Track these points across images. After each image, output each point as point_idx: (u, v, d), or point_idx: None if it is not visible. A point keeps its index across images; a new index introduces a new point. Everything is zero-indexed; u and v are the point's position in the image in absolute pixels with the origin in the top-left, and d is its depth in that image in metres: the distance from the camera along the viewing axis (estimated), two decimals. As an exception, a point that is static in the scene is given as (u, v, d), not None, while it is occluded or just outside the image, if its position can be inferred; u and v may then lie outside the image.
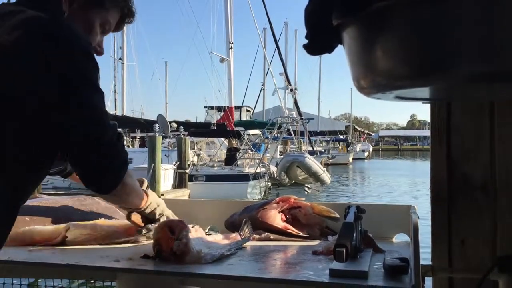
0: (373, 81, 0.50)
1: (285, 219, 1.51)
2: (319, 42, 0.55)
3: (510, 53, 0.45)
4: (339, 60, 0.54)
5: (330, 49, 0.56)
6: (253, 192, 16.12)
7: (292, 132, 26.11)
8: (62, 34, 0.91)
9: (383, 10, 0.47)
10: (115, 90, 33.36)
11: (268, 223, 1.46)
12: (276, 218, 1.47)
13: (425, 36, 0.47)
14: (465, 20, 0.46)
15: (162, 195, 13.94)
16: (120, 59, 32.02)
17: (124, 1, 1.15)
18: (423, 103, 0.98)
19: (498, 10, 0.45)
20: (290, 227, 1.47)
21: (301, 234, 1.47)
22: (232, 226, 1.57)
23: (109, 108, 30.08)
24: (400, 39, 0.49)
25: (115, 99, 33.28)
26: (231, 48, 24.79)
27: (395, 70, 0.49)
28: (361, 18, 0.49)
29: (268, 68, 31.71)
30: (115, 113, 28.94)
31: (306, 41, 0.54)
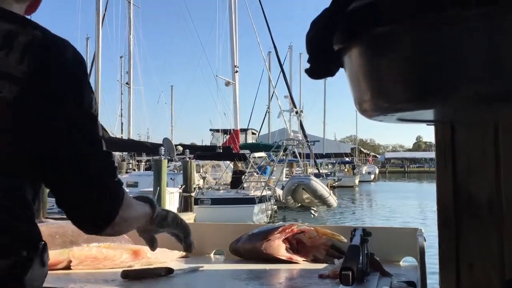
0: (374, 104, 0.51)
1: (289, 246, 1.50)
2: (321, 66, 0.56)
3: None
4: (343, 82, 0.55)
5: (331, 73, 0.56)
6: (259, 215, 16.03)
7: (297, 154, 26.07)
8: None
9: (384, 34, 0.48)
10: (121, 114, 33.61)
11: (273, 254, 1.46)
12: (280, 249, 1.47)
13: (426, 59, 0.48)
14: (467, 44, 0.47)
15: (168, 218, 13.87)
16: (127, 83, 32.37)
17: None
18: (427, 125, 0.99)
19: (502, 34, 0.46)
20: (295, 257, 1.47)
21: (307, 260, 1.46)
22: (236, 252, 1.56)
23: (116, 132, 30.28)
24: (401, 62, 0.49)
25: (122, 123, 33.51)
26: (237, 71, 25.02)
27: (396, 93, 0.49)
28: (361, 43, 0.50)
29: (273, 91, 31.94)
30: (122, 136, 29.08)
31: (308, 65, 0.55)
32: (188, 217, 14.72)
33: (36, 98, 0.79)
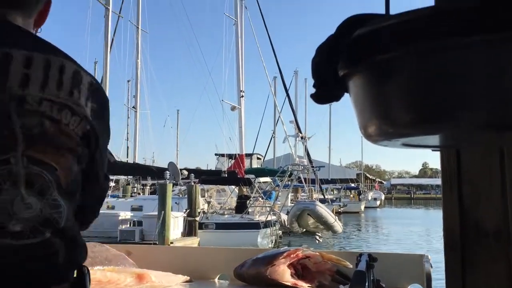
0: (379, 129, 0.52)
1: (294, 272, 1.49)
2: (325, 91, 0.57)
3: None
4: (349, 107, 0.56)
5: (337, 98, 0.57)
6: (264, 240, 15.88)
7: (303, 180, 25.99)
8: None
9: (388, 60, 0.49)
10: (127, 138, 33.77)
11: (278, 280, 1.45)
12: (285, 275, 1.45)
13: (429, 86, 0.49)
14: (471, 70, 0.47)
15: (172, 243, 13.79)
16: (133, 107, 32.64)
17: None
18: (432, 150, 0.99)
19: (505, 61, 0.46)
20: (300, 282, 1.45)
21: (312, 286, 1.45)
22: (241, 277, 1.55)
23: (122, 155, 30.35)
24: (405, 88, 0.50)
25: (127, 147, 33.64)
26: (242, 96, 25.21)
27: (401, 118, 0.50)
28: (366, 68, 0.51)
29: (279, 116, 32.05)
30: (127, 160, 29.16)
31: (314, 90, 0.56)
32: (192, 242, 14.61)
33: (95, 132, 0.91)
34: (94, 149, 0.91)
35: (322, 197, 28.88)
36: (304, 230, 19.71)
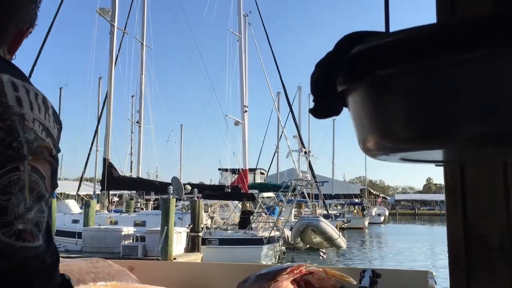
0: (377, 143, 0.52)
1: (298, 288, 1.48)
2: (324, 106, 0.58)
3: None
4: (351, 123, 0.56)
5: (336, 113, 0.58)
6: (267, 256, 15.78)
7: (306, 195, 25.90)
8: None
9: (386, 76, 0.50)
10: (131, 153, 33.83)
11: (281, 296, 1.43)
12: (288, 291, 1.44)
13: (427, 101, 0.49)
14: (469, 85, 0.48)
15: (174, 259, 13.72)
16: (137, 122, 32.77)
17: None
18: (436, 165, 0.99)
19: (505, 74, 0.47)
20: (303, 299, 1.44)
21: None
22: (243, 292, 1.54)
23: (125, 170, 30.37)
24: (404, 104, 0.51)
25: (131, 162, 33.68)
26: (246, 111, 25.30)
27: (399, 133, 0.51)
28: (365, 84, 0.52)
29: (282, 131, 32.11)
30: (131, 175, 29.18)
31: (313, 105, 0.57)
32: (195, 258, 14.53)
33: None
34: (56, 166, 1.00)
35: (325, 212, 28.73)
36: (308, 246, 19.58)
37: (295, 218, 22.22)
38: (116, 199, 28.29)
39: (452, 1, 0.99)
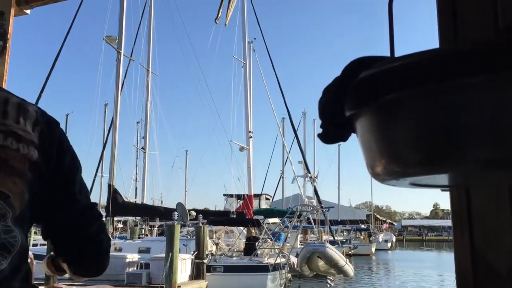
0: (386, 168, 0.52)
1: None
2: (332, 131, 0.58)
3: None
4: (357, 148, 0.57)
5: (344, 138, 0.58)
6: (273, 284, 15.54)
7: (312, 221, 25.66)
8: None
9: (393, 101, 0.50)
10: (136, 179, 33.80)
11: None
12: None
13: (435, 126, 0.49)
14: (475, 110, 0.48)
15: (179, 286, 13.54)
16: (142, 148, 32.85)
17: None
18: (442, 190, 0.99)
19: (510, 100, 0.47)
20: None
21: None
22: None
23: (130, 196, 30.31)
24: (411, 128, 0.51)
25: (136, 187, 33.62)
26: (251, 137, 25.35)
27: (408, 158, 0.51)
28: (372, 109, 0.52)
29: (287, 157, 32.07)
30: (135, 201, 29.10)
31: (321, 130, 0.57)
32: (200, 286, 14.33)
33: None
34: (55, 174, 0.95)
35: (332, 238, 28.40)
36: (315, 273, 19.28)
37: (301, 245, 21.96)
38: (120, 225, 28.14)
39: (455, 27, 1.00)
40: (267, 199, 31.59)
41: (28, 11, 1.91)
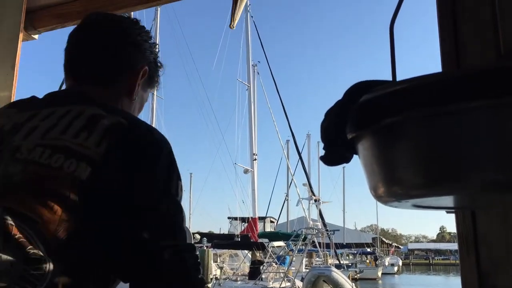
0: (389, 190, 0.52)
1: None
2: (335, 153, 0.59)
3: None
4: (362, 170, 0.57)
5: (346, 160, 0.59)
6: (278, 308, 15.30)
7: (317, 244, 25.41)
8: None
9: (394, 124, 0.51)
10: (140, 201, 33.58)
11: None
12: None
13: (437, 148, 0.50)
14: (477, 131, 0.49)
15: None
16: (147, 170, 32.71)
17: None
18: (447, 212, 0.98)
19: (508, 124, 0.47)
20: None
21: None
22: None
23: (134, 219, 29.99)
24: (412, 151, 0.51)
25: (140, 211, 33.37)
26: (255, 159, 25.34)
27: (409, 180, 0.51)
28: (374, 132, 0.53)
29: (292, 179, 31.95)
30: (139, 224, 28.87)
31: (323, 153, 0.58)
32: (203, 310, 14.12)
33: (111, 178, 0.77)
34: (115, 202, 0.75)
35: (337, 262, 28.07)
36: (320, 297, 18.99)
37: (306, 268, 21.69)
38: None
39: (457, 53, 1.01)
40: (271, 222, 31.37)
41: (36, 36, 1.95)
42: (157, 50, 1.07)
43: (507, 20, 0.87)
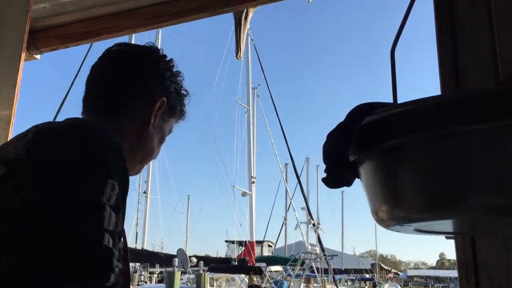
0: (391, 213, 0.52)
1: None
2: (337, 176, 0.58)
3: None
4: (360, 195, 0.56)
5: (348, 183, 0.58)
6: (275, 335, 15.02)
7: (315, 269, 25.10)
8: None
9: (395, 147, 0.51)
10: (137, 224, 33.48)
11: None
12: None
13: (439, 171, 0.50)
14: (476, 154, 0.48)
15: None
16: (144, 192, 32.72)
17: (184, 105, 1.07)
18: (446, 238, 0.97)
19: (508, 147, 0.47)
20: None
21: None
22: None
23: (130, 241, 29.90)
24: (414, 174, 0.51)
25: (136, 233, 33.22)
26: (254, 182, 25.28)
27: (412, 203, 0.50)
28: (375, 154, 0.53)
29: (290, 203, 31.81)
30: (135, 246, 28.69)
31: (325, 175, 0.57)
32: (199, 335, 13.86)
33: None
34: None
35: (335, 288, 27.69)
36: (318, 324, 18.68)
37: (304, 294, 21.38)
38: (119, 271, 27.53)
39: (456, 78, 1.02)
40: (269, 246, 31.08)
41: (38, 56, 1.96)
42: (181, 78, 1.04)
43: (505, 46, 0.88)
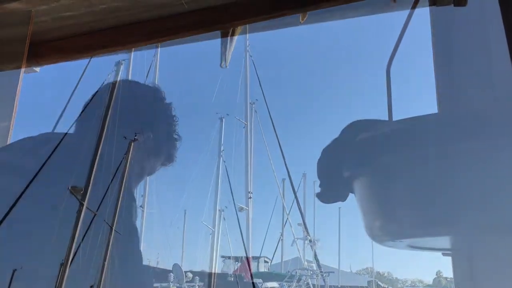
0: (384, 229, 0.52)
1: None
2: (331, 191, 0.58)
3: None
4: (357, 211, 0.57)
5: (342, 198, 0.59)
6: None
7: (311, 286, 24.90)
8: None
9: (390, 163, 0.51)
10: (133, 238, 33.12)
11: None
12: None
13: (431, 187, 0.50)
14: (469, 174, 0.49)
15: None
16: (141, 206, 32.54)
17: None
18: (443, 254, 0.97)
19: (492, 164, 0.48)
20: None
21: None
22: None
23: (126, 255, 29.43)
24: (408, 189, 0.52)
25: (133, 247, 32.84)
26: (250, 197, 25.17)
27: (404, 218, 0.51)
28: (370, 170, 0.53)
29: (287, 218, 31.63)
30: (131, 261, 28.34)
31: (320, 190, 0.58)
32: None
33: None
34: None
35: (332, 305, 27.35)
36: None
37: (300, 311, 21.13)
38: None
39: (452, 96, 1.03)
40: (265, 261, 30.81)
41: (37, 69, 1.97)
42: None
43: (500, 65, 0.89)
